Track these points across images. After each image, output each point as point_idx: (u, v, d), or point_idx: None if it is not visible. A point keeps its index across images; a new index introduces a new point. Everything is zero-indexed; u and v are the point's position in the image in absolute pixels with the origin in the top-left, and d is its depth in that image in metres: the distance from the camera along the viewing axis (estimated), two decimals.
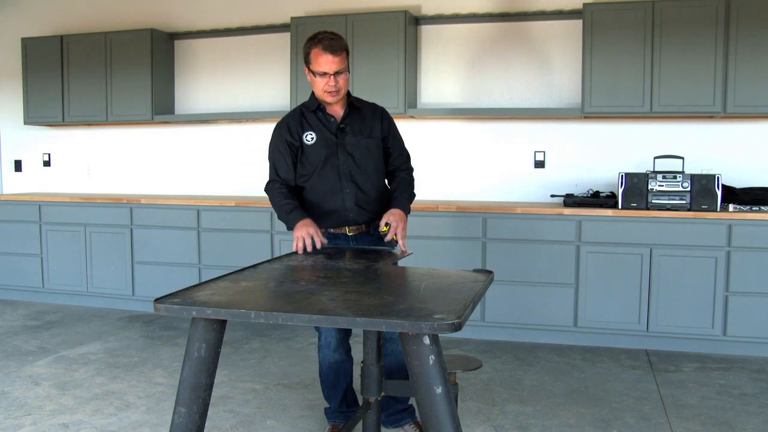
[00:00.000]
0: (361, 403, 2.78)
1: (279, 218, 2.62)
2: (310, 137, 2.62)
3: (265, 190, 2.71)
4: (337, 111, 2.65)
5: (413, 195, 2.74)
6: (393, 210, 2.58)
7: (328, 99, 2.57)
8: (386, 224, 2.54)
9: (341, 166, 2.62)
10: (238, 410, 3.06)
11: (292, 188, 2.67)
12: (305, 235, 2.46)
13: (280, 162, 2.66)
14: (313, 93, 2.64)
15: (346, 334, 2.70)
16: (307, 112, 2.66)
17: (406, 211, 2.63)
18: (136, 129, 5.56)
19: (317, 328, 2.69)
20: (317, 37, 2.50)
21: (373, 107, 2.74)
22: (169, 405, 3.07)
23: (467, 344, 4.15)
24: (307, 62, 2.55)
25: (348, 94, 2.66)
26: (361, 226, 2.65)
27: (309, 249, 2.45)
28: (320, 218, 2.62)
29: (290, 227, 2.54)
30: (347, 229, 2.64)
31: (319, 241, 2.48)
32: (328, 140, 2.62)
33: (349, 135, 2.63)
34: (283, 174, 2.66)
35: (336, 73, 2.50)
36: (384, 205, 2.68)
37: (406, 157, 2.78)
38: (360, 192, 2.63)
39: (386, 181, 2.78)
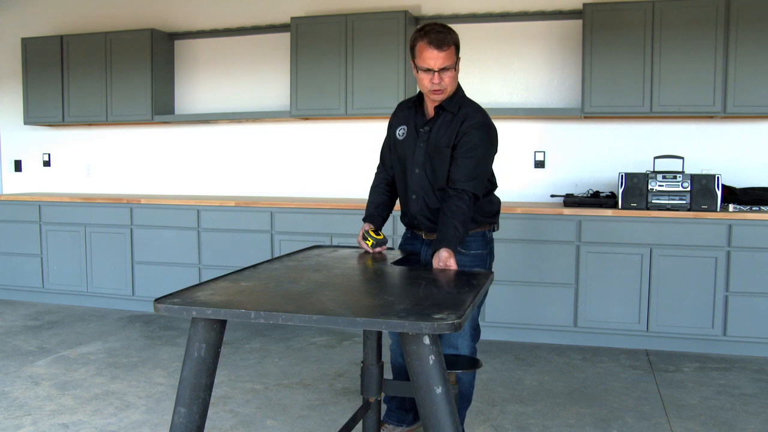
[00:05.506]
0: (394, 408, 2.78)
1: None
2: (401, 132, 2.48)
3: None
4: (432, 110, 2.43)
5: (457, 227, 2.22)
6: (437, 254, 2.18)
7: (433, 97, 2.36)
8: None
9: (414, 170, 2.43)
10: (238, 410, 3.06)
11: (392, 178, 2.61)
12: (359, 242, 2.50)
13: (385, 148, 2.62)
14: None
15: None
16: (411, 104, 2.49)
17: (451, 248, 2.19)
18: (136, 129, 5.56)
19: None
20: (424, 29, 2.27)
21: (466, 113, 2.37)
22: (169, 405, 3.07)
23: None
24: (413, 56, 2.33)
25: (456, 92, 2.39)
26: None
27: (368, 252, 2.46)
28: (402, 216, 2.58)
29: None
30: (423, 234, 2.51)
31: (367, 247, 2.47)
32: (412, 140, 2.45)
33: (430, 139, 2.40)
34: (386, 160, 2.62)
35: (442, 70, 2.26)
36: None
37: (467, 176, 2.30)
38: (425, 203, 2.44)
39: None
